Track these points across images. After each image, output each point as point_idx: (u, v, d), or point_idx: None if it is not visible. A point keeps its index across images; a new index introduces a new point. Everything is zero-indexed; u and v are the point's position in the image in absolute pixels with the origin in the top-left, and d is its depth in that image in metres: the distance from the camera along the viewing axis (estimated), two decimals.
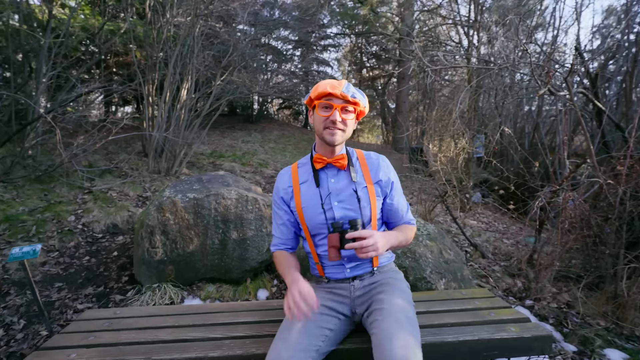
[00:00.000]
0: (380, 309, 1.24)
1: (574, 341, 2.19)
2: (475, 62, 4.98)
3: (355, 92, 1.31)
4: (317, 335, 1.22)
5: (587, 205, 2.46)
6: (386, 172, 1.42)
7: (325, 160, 1.37)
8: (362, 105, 1.34)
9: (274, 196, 1.48)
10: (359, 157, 1.45)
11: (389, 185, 1.42)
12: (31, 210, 3.59)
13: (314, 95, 1.32)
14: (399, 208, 1.45)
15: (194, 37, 5.49)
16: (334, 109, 1.27)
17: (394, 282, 1.41)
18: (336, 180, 1.38)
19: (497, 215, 5.64)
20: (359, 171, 1.40)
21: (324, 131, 1.31)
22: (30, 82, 5.28)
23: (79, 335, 1.45)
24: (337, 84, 1.30)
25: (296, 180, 1.42)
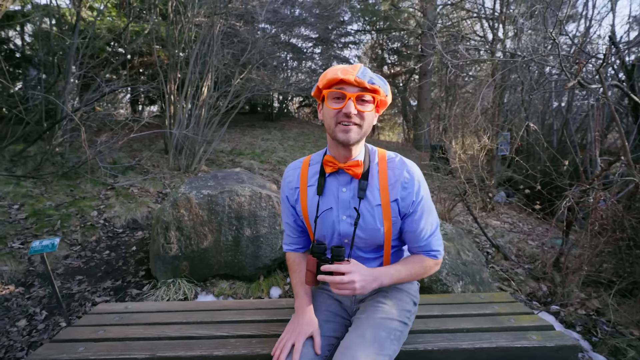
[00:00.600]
0: (358, 317, 1.16)
1: (604, 351, 2.05)
2: (500, 56, 4.77)
3: (373, 77, 1.05)
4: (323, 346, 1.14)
5: (621, 206, 2.29)
6: (409, 191, 1.12)
7: (336, 165, 1.13)
8: (382, 93, 1.07)
9: (280, 193, 1.32)
10: (380, 162, 1.16)
11: (409, 206, 1.13)
12: (57, 205, 3.73)
13: (322, 84, 1.07)
14: (417, 233, 1.17)
15: (213, 36, 5.55)
16: (347, 99, 1.02)
17: (398, 294, 1.28)
18: (347, 190, 1.15)
19: (522, 216, 5.40)
20: (375, 184, 1.14)
21: (335, 128, 1.06)
22: (59, 82, 5.50)
23: (90, 329, 1.47)
24: (351, 69, 1.04)
25: (304, 181, 1.22)
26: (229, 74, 6.48)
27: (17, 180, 4.12)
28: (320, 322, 1.20)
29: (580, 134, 6.48)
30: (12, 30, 6.95)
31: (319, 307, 1.27)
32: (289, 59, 12.43)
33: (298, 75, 12.93)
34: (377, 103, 1.09)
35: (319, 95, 1.13)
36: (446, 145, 5.08)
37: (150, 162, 5.62)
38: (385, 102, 1.13)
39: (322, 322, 1.21)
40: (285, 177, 1.29)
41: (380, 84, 1.08)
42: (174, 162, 5.40)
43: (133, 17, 7.10)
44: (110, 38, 7.55)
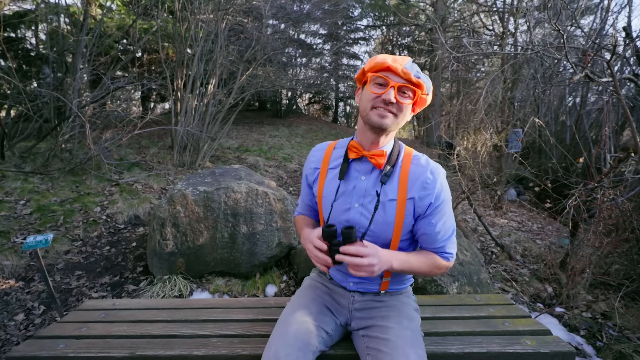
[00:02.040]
0: (386, 340, 1.07)
1: (608, 357, 1.96)
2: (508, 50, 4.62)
3: (420, 73, 1.06)
4: (315, 336, 1.12)
5: (629, 205, 2.18)
6: (429, 192, 1.09)
7: (360, 152, 1.12)
8: (425, 89, 1.07)
9: (304, 168, 1.32)
10: (405, 158, 1.14)
11: (425, 208, 1.10)
12: (62, 201, 3.79)
13: (368, 67, 1.07)
14: (433, 235, 1.13)
15: (219, 32, 5.54)
16: (390, 87, 1.01)
17: (402, 306, 1.23)
18: (367, 179, 1.13)
19: (532, 214, 5.26)
20: (395, 177, 1.11)
21: (370, 111, 1.05)
22: (68, 80, 5.58)
23: (74, 325, 1.46)
24: (400, 59, 1.05)
25: (326, 162, 1.22)
26: (234, 71, 6.48)
27: (25, 176, 4.20)
28: (316, 311, 1.19)
29: (594, 130, 6.26)
30: (28, 29, 7.10)
31: (316, 299, 1.26)
32: (298, 56, 12.38)
33: (307, 71, 12.87)
34: (416, 99, 1.08)
35: (362, 79, 1.12)
36: (452, 141, 4.97)
37: (156, 158, 5.67)
38: (424, 100, 1.11)
39: (318, 312, 1.19)
40: (309, 157, 1.30)
41: (425, 80, 1.07)
42: (178, 158, 5.44)
43: (141, 13, 7.17)
44: (119, 36, 7.65)
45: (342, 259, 1.00)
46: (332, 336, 1.22)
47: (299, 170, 6.81)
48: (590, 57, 2.19)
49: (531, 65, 4.85)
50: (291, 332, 1.08)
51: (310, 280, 1.39)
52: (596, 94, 6.39)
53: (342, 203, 1.16)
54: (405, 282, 1.33)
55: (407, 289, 1.36)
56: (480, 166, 3.19)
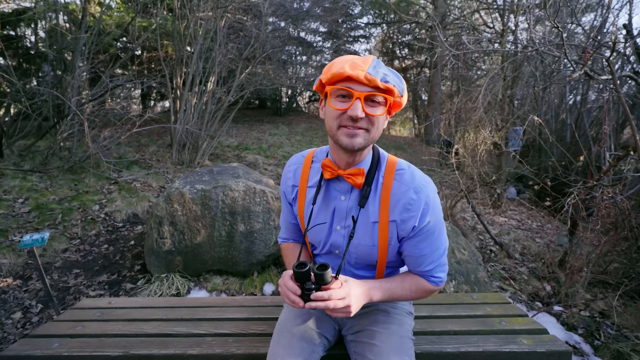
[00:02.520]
0: (371, 345, 1.04)
1: (606, 355, 1.95)
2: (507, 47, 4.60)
3: (387, 74, 0.88)
4: (319, 344, 1.10)
5: (627, 204, 2.17)
6: (412, 214, 0.95)
7: (335, 171, 0.98)
8: (397, 93, 0.90)
9: (281, 185, 1.20)
10: (387, 173, 0.99)
11: (409, 231, 0.98)
12: (61, 199, 3.79)
13: (325, 79, 0.89)
14: (420, 259, 1.03)
15: (218, 30, 5.52)
16: (355, 99, 0.85)
17: (393, 310, 1.19)
18: (346, 200, 1.02)
19: (532, 213, 5.25)
20: (377, 197, 0.98)
21: (338, 131, 0.90)
22: (67, 78, 5.58)
23: (68, 324, 1.46)
24: (361, 62, 0.87)
25: (304, 180, 1.09)
26: (234, 69, 6.46)
27: (24, 174, 4.19)
28: (317, 318, 1.17)
29: (594, 128, 6.24)
30: (27, 27, 7.09)
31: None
32: (298, 53, 12.34)
33: (307, 69, 12.84)
34: (390, 104, 0.91)
35: (322, 90, 0.95)
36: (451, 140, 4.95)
37: (155, 156, 5.67)
38: (399, 103, 0.95)
39: (318, 318, 1.17)
40: (285, 172, 1.17)
41: (396, 81, 0.90)
42: (177, 156, 5.43)
43: (140, 11, 7.15)
44: (118, 33, 7.63)
45: (315, 305, 0.87)
46: (332, 341, 1.22)
47: None
48: (589, 55, 2.18)
49: (531, 63, 4.82)
50: (296, 343, 1.05)
51: None
52: (597, 92, 6.37)
53: (326, 228, 1.07)
54: None
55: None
56: (479, 164, 3.18)
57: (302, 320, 1.15)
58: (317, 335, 1.11)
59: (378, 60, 0.91)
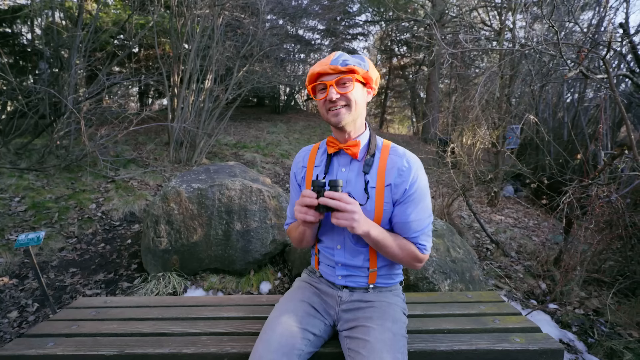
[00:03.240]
0: (365, 341, 1.08)
1: (599, 353, 1.97)
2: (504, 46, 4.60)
3: (348, 59, 1.11)
4: (300, 339, 1.13)
5: (620, 203, 2.18)
6: (404, 178, 1.13)
7: (337, 145, 1.20)
8: (360, 70, 1.11)
9: (290, 174, 1.38)
10: (383, 150, 1.20)
11: (401, 194, 1.14)
12: (57, 197, 3.78)
13: (307, 82, 1.17)
14: (408, 225, 1.15)
15: (215, 27, 5.50)
16: (329, 87, 1.10)
17: (388, 307, 1.23)
18: (347, 171, 1.20)
19: (529, 211, 5.26)
20: (374, 167, 1.17)
21: (328, 115, 1.14)
22: (64, 76, 5.55)
23: (64, 324, 1.46)
24: (326, 59, 1.13)
25: (312, 162, 1.29)
26: (231, 66, 6.44)
27: (20, 172, 4.18)
28: (303, 314, 1.20)
29: (592, 126, 6.25)
30: (23, 24, 7.05)
31: (303, 301, 1.26)
32: (296, 51, 12.31)
33: (305, 67, 12.81)
34: (363, 81, 1.15)
35: (310, 93, 1.21)
36: (444, 137, 4.96)
37: (153, 155, 5.66)
38: (369, 77, 1.15)
39: (305, 314, 1.21)
40: (295, 159, 1.37)
41: (356, 62, 1.12)
42: (174, 155, 5.42)
43: (136, 8, 7.12)
44: (115, 31, 7.60)
45: (325, 202, 1.02)
46: (321, 337, 1.23)
47: None
48: (584, 54, 2.18)
49: (528, 62, 4.83)
50: (275, 338, 1.09)
51: (300, 282, 1.40)
52: (594, 90, 6.38)
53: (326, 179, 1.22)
54: (395, 277, 1.33)
55: (396, 285, 1.35)
56: (475, 163, 3.18)
57: (287, 317, 1.18)
58: (300, 330, 1.14)
59: (341, 53, 1.14)
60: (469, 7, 8.98)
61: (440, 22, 9.99)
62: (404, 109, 20.61)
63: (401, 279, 1.38)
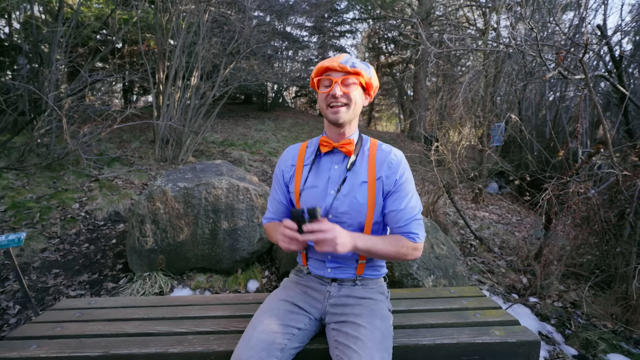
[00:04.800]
0: (355, 337, 1.11)
1: (575, 344, 2.05)
2: (489, 45, 4.69)
3: (355, 62, 1.18)
4: (282, 334, 1.14)
5: (595, 199, 2.26)
6: (394, 170, 1.21)
7: (331, 144, 1.25)
8: (365, 75, 1.19)
9: (275, 169, 1.39)
10: (371, 147, 1.28)
11: (392, 185, 1.21)
12: (38, 197, 3.69)
13: (314, 74, 1.22)
14: (399, 214, 1.22)
15: (201, 23, 5.44)
16: (334, 83, 1.15)
17: (375, 305, 1.26)
18: (339, 168, 1.25)
19: (512, 207, 5.40)
20: (364, 163, 1.24)
21: (327, 110, 1.19)
22: (44, 72, 5.41)
23: (47, 326, 1.44)
24: (336, 58, 1.19)
25: (301, 160, 1.32)
26: (217, 63, 6.38)
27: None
28: (284, 311, 1.22)
29: (572, 125, 6.44)
30: (1, 18, 6.82)
31: (286, 300, 1.28)
32: (284, 48, 12.25)
33: (293, 64, 12.76)
34: (365, 86, 1.22)
35: (313, 85, 1.26)
36: (429, 136, 5.04)
37: (138, 153, 5.57)
38: (371, 84, 1.23)
39: (286, 312, 1.23)
40: (282, 156, 1.39)
41: (363, 67, 1.19)
42: (160, 153, 5.35)
43: (120, 3, 6.96)
44: (98, 26, 7.42)
45: (306, 238, 1.06)
46: (305, 331, 1.24)
47: None
48: (563, 55, 2.25)
49: (512, 62, 4.93)
50: (255, 335, 1.11)
51: (285, 282, 1.42)
52: (575, 90, 6.56)
53: (321, 192, 1.25)
54: (379, 269, 1.37)
55: (380, 280, 1.39)
56: (458, 161, 3.25)
57: (268, 315, 1.20)
58: (281, 326, 1.16)
59: (349, 56, 1.20)
60: (455, 6, 9.10)
61: (426, 21, 10.09)
62: (391, 107, 20.76)
63: (385, 272, 1.42)
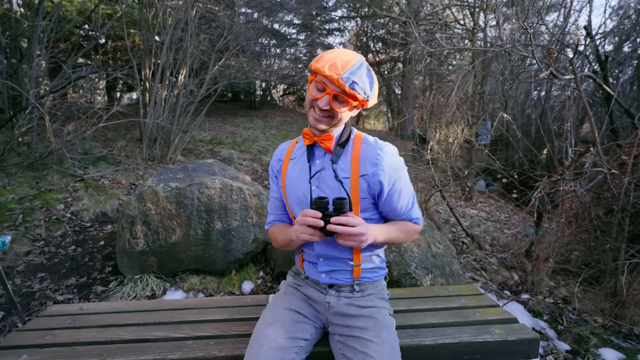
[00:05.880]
0: (364, 353, 1.07)
1: (568, 339, 2.09)
2: (479, 45, 4.74)
3: (356, 83, 1.05)
4: (289, 348, 1.10)
5: (588, 197, 2.31)
6: (377, 167, 1.13)
7: (312, 138, 1.19)
8: (361, 98, 1.08)
9: (270, 166, 1.38)
10: (356, 141, 1.20)
11: (379, 185, 1.14)
12: (21, 198, 3.56)
13: (313, 67, 1.08)
14: (399, 210, 1.21)
15: (189, 20, 5.32)
16: (326, 94, 1.06)
17: (378, 314, 1.22)
18: (321, 162, 1.20)
19: (500, 205, 5.49)
20: (348, 157, 1.17)
21: (310, 111, 1.13)
22: (24, 67, 5.20)
23: (37, 334, 1.38)
24: (341, 66, 1.04)
25: (289, 154, 1.29)
26: (206, 61, 6.27)
27: None
28: (290, 322, 1.18)
29: (557, 123, 6.59)
30: None
31: (290, 309, 1.24)
32: (272, 46, 12.14)
33: (282, 62, 12.67)
34: (357, 104, 1.12)
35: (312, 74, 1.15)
36: (423, 134, 5.07)
37: (124, 152, 5.43)
38: (366, 104, 1.14)
39: (292, 322, 1.18)
40: (275, 152, 1.38)
41: (363, 89, 1.07)
42: (148, 152, 5.23)
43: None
44: (81, 21, 7.19)
45: (334, 228, 1.03)
46: (311, 340, 1.22)
47: None
48: (554, 56, 2.29)
49: (500, 61, 5.00)
50: (262, 353, 1.06)
51: (285, 287, 1.38)
52: (558, 90, 6.71)
53: (299, 186, 1.23)
54: (378, 271, 1.32)
55: (380, 282, 1.34)
56: (453, 160, 3.28)
57: (274, 328, 1.15)
58: (288, 340, 1.12)
59: (360, 66, 1.08)
60: (443, 6, 9.17)
61: (415, 20, 10.14)
62: (379, 105, 20.85)
63: (384, 273, 1.37)
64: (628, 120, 3.57)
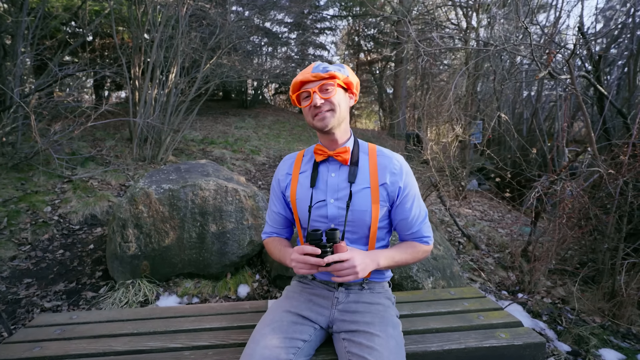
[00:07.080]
0: (370, 347, 1.07)
1: (568, 340, 2.09)
2: (473, 45, 4.75)
3: (328, 66, 1.16)
4: (286, 348, 1.08)
5: (587, 197, 2.32)
6: (397, 177, 1.20)
7: (326, 153, 1.23)
8: (341, 76, 1.16)
9: (272, 180, 1.39)
10: (370, 152, 1.26)
11: (397, 192, 1.21)
12: (5, 200, 3.43)
13: (291, 92, 1.22)
14: (410, 220, 1.25)
15: (179, 17, 5.22)
16: (312, 94, 1.14)
17: (385, 312, 1.23)
18: (337, 175, 1.23)
19: (493, 203, 5.52)
20: (365, 169, 1.22)
21: (313, 121, 1.17)
22: (7, 65, 5.03)
23: (24, 346, 1.31)
24: (306, 70, 1.18)
25: (297, 168, 1.31)
26: (197, 59, 6.16)
27: None
28: (288, 323, 1.16)
29: (548, 122, 6.65)
30: None
31: (289, 310, 1.23)
32: (264, 44, 12.04)
33: (273, 61, 12.58)
34: (345, 87, 1.21)
35: (295, 102, 1.24)
36: (421, 134, 5.07)
37: (113, 152, 5.30)
38: (350, 82, 1.20)
39: (290, 323, 1.17)
40: (280, 165, 1.38)
41: (336, 69, 1.17)
42: (138, 152, 5.11)
43: None
44: (67, 17, 7.00)
45: (325, 269, 1.07)
46: (311, 342, 1.19)
47: (268, 163, 6.67)
48: (552, 56, 2.28)
49: (493, 61, 5.02)
50: (257, 352, 1.05)
51: (289, 291, 1.36)
52: (548, 89, 6.78)
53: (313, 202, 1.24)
54: (385, 271, 1.35)
55: (385, 282, 1.37)
56: (451, 160, 3.27)
57: (271, 329, 1.14)
58: (285, 340, 1.10)
59: (319, 62, 1.19)
60: (435, 5, 9.19)
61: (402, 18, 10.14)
62: (371, 104, 20.88)
63: (390, 276, 1.41)
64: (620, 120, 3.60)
